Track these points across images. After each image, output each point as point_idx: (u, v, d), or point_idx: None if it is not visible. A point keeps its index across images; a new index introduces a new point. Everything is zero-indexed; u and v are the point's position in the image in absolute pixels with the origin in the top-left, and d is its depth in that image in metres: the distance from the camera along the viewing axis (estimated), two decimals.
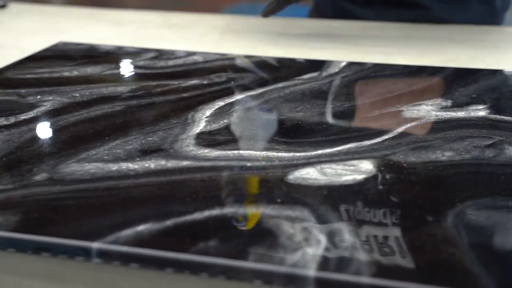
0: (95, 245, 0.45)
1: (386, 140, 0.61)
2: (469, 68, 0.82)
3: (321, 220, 0.48)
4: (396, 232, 0.46)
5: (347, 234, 0.46)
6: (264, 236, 0.46)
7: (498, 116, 0.66)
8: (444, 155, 0.57)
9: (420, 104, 0.69)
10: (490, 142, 0.59)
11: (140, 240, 0.46)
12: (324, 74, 0.80)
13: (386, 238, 0.45)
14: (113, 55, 0.90)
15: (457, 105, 0.69)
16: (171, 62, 0.86)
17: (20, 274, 0.49)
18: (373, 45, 0.95)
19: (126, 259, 0.45)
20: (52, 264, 0.48)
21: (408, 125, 0.64)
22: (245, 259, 0.43)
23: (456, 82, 0.76)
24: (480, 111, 0.67)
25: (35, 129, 0.65)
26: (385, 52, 0.92)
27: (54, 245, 0.46)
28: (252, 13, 1.24)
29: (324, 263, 0.43)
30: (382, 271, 0.42)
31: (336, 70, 0.82)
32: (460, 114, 0.66)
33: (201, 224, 0.48)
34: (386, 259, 0.43)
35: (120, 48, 0.94)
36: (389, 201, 0.50)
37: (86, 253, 0.46)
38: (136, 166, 0.57)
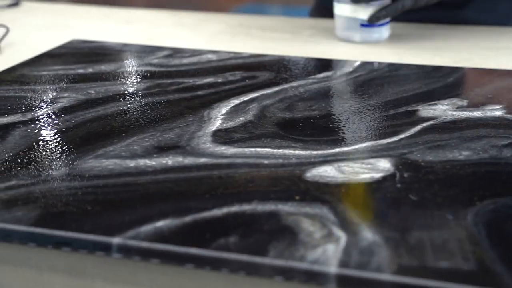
0: (116, 240, 0.46)
1: (402, 139, 0.61)
2: (483, 69, 0.82)
3: (340, 217, 0.48)
4: (416, 230, 0.46)
5: (366, 232, 0.46)
6: (284, 233, 0.46)
7: None
8: (462, 154, 0.57)
9: (436, 104, 0.69)
10: (507, 141, 0.59)
11: (160, 236, 0.46)
12: (339, 73, 0.81)
13: (406, 236, 0.45)
14: (127, 53, 0.91)
15: (473, 105, 0.68)
16: (185, 60, 0.86)
17: (40, 268, 0.49)
18: (386, 45, 0.95)
19: (146, 254, 0.45)
20: (72, 259, 0.48)
21: (425, 124, 0.64)
22: (266, 255, 0.44)
23: (471, 82, 0.76)
24: (496, 111, 0.67)
25: (52, 125, 0.65)
26: (398, 52, 0.92)
27: (75, 240, 0.46)
28: (260, 13, 1.25)
29: (345, 260, 0.43)
30: (403, 268, 0.42)
31: (350, 69, 0.82)
32: (476, 113, 0.66)
33: (220, 220, 0.48)
34: (406, 257, 0.43)
35: (133, 46, 0.94)
36: (408, 200, 0.50)
37: (106, 248, 0.46)
38: (154, 163, 0.57)
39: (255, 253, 0.44)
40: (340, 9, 0.96)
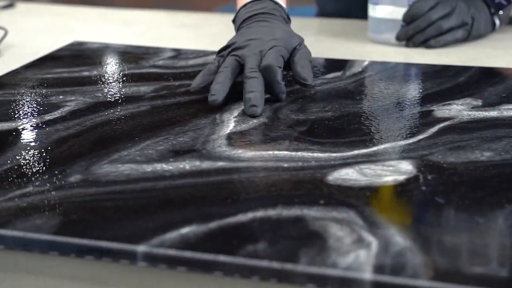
0: (141, 248, 0.44)
1: (421, 140, 0.60)
2: (494, 67, 0.82)
3: (369, 221, 0.47)
4: (447, 234, 0.45)
5: (397, 236, 0.45)
6: (313, 238, 0.45)
7: None
8: (484, 155, 0.56)
9: (450, 104, 0.68)
10: None
11: (186, 243, 0.45)
12: (348, 73, 0.80)
13: (438, 240, 0.45)
14: (130, 55, 0.89)
15: (488, 105, 0.68)
16: (190, 62, 0.85)
17: (61, 277, 0.48)
18: (392, 45, 0.94)
19: (173, 262, 0.44)
20: (94, 267, 0.47)
21: (442, 125, 0.63)
22: (297, 262, 0.43)
23: (483, 81, 0.75)
24: None
25: (62, 130, 0.64)
26: (404, 51, 0.92)
27: (99, 248, 0.45)
28: None
29: (379, 266, 0.42)
30: (440, 274, 0.41)
31: (359, 69, 0.81)
32: (493, 113, 0.65)
33: (246, 226, 0.47)
34: (441, 262, 0.42)
35: (136, 48, 0.93)
36: (435, 203, 0.49)
37: (131, 257, 0.45)
38: (171, 167, 0.56)
39: (286, 260, 0.43)
40: (377, 11, 0.94)
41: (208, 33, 1.05)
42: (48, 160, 0.57)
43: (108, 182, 0.53)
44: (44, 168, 0.56)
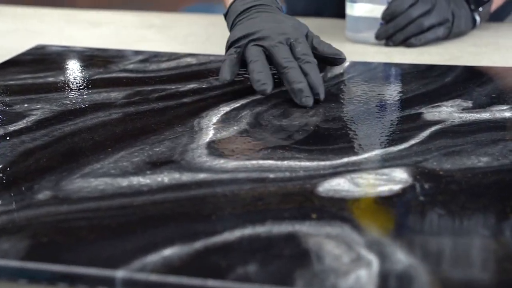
0: (120, 273, 0.40)
1: (413, 145, 0.57)
2: (480, 66, 0.79)
3: (366, 237, 0.43)
4: (453, 249, 0.42)
5: (398, 253, 0.41)
6: (307, 257, 0.41)
7: None
8: (481, 160, 0.53)
9: (439, 106, 0.65)
10: None
11: (170, 267, 0.41)
12: (329, 75, 0.76)
13: (444, 256, 0.41)
14: (98, 58, 0.85)
15: (479, 106, 0.65)
16: (163, 65, 0.81)
17: None
18: (371, 44, 0.91)
19: None
20: None
21: (433, 129, 0.60)
22: (293, 285, 0.39)
23: (471, 81, 0.72)
24: (505, 112, 0.63)
25: (28, 141, 0.59)
26: (384, 51, 0.88)
27: (73, 275, 0.41)
28: (211, 12, 1.21)
29: (383, 287, 0.38)
30: None
31: (341, 70, 0.77)
32: (485, 115, 0.62)
33: (235, 246, 0.43)
34: (450, 281, 0.39)
35: (104, 51, 0.88)
36: (435, 214, 0.46)
37: (109, 283, 0.40)
38: (148, 181, 0.52)
39: (281, 283, 0.39)
40: (355, 10, 0.91)
41: (179, 34, 1.01)
42: (13, 175, 0.53)
43: (81, 199, 0.49)
44: (9, 184, 0.51)
